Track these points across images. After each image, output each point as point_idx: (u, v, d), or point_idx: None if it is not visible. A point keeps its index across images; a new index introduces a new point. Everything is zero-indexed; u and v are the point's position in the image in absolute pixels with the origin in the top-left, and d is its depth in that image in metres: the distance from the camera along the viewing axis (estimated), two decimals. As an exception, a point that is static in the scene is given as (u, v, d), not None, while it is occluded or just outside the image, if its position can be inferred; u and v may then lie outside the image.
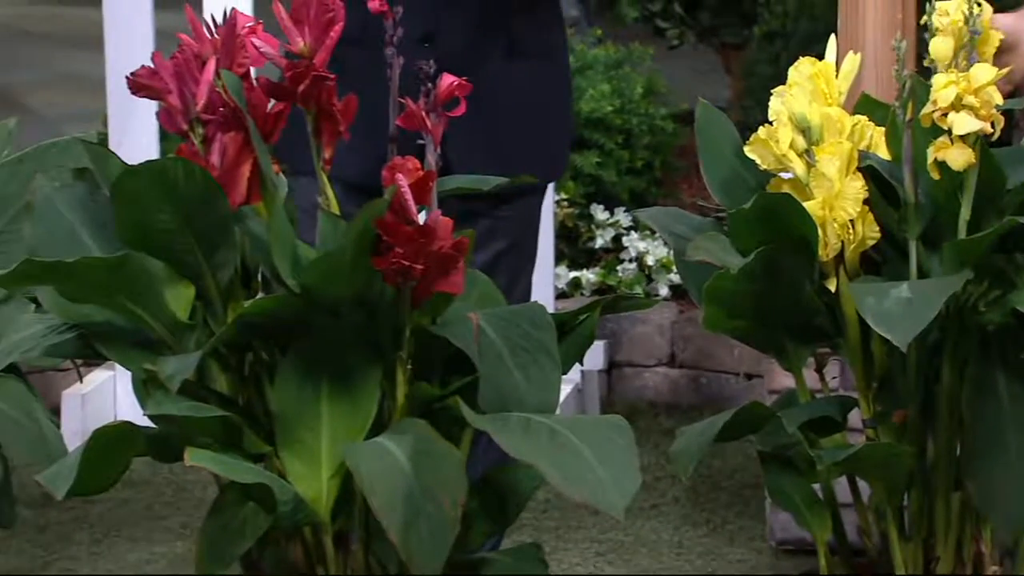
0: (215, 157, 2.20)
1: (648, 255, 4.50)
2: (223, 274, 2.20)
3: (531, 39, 2.77)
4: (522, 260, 2.85)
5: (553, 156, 2.86)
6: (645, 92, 4.81)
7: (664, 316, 4.42)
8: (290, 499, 2.14)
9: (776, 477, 2.51)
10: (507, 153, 2.74)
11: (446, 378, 2.20)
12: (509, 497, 2.25)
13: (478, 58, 2.69)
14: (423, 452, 2.07)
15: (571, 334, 2.26)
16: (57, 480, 2.10)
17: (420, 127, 2.16)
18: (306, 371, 2.16)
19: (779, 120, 2.45)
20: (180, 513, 3.80)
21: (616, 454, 2.07)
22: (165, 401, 2.13)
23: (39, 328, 2.26)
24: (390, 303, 2.16)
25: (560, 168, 2.95)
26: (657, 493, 3.88)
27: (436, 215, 2.12)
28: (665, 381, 4.42)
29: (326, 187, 2.23)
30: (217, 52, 2.22)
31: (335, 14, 2.20)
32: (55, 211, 2.27)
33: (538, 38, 2.79)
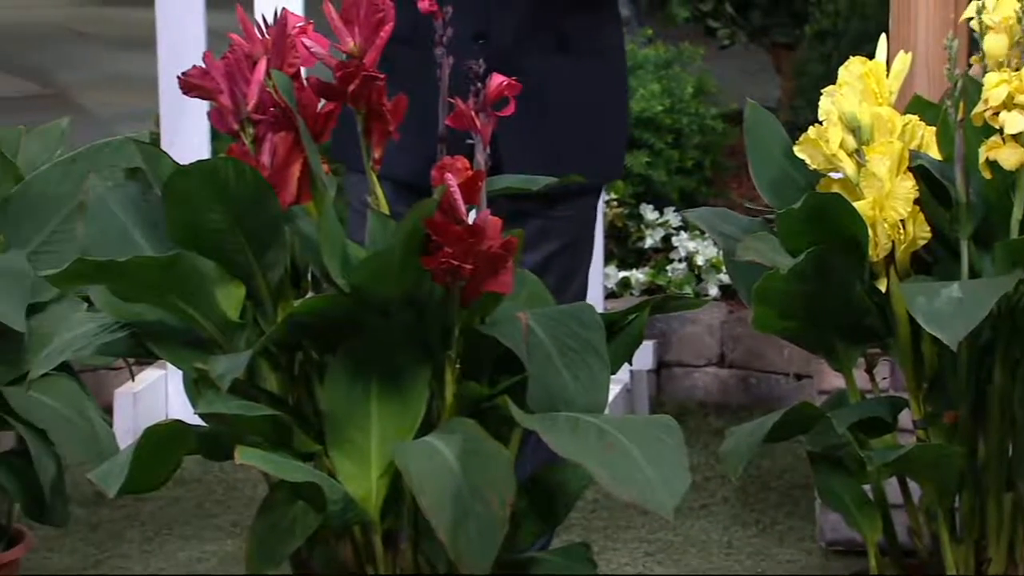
0: (265, 157, 2.20)
1: (698, 255, 4.49)
2: (273, 274, 2.21)
3: (585, 37, 2.75)
4: (575, 261, 2.82)
5: (607, 156, 2.84)
6: (695, 92, 4.80)
7: (714, 316, 4.41)
8: (340, 498, 2.14)
9: (826, 478, 2.51)
10: (559, 152, 2.72)
11: (495, 378, 2.20)
12: (558, 497, 2.24)
13: (531, 56, 2.68)
14: (472, 451, 2.07)
15: (620, 334, 2.25)
16: (109, 478, 2.11)
17: (469, 127, 2.16)
18: (356, 370, 2.16)
19: (829, 120, 2.44)
20: (231, 512, 3.82)
21: (665, 454, 2.06)
22: (216, 400, 2.13)
23: (91, 327, 2.27)
24: (439, 303, 2.16)
25: (616, 169, 2.91)
26: (707, 493, 3.87)
27: (485, 215, 2.12)
28: (715, 381, 4.42)
29: (375, 186, 2.23)
30: (268, 52, 2.23)
31: (385, 14, 2.20)
32: (108, 211, 2.28)
33: (592, 37, 2.77)
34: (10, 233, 2.84)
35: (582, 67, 2.75)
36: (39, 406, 2.81)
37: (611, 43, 2.82)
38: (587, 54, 2.76)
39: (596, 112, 2.78)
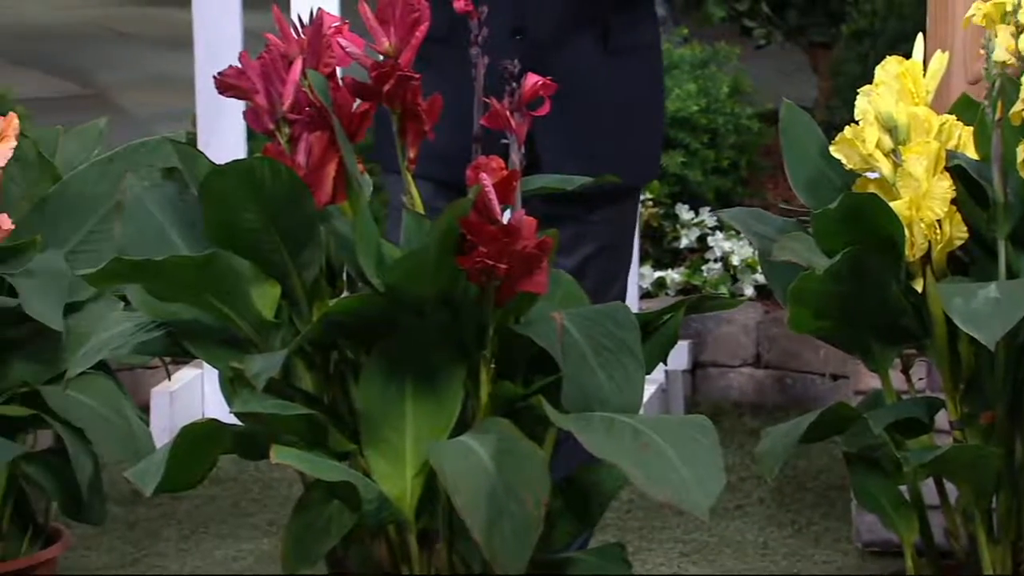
0: (301, 156, 2.21)
1: (733, 255, 4.48)
2: (308, 273, 2.22)
3: (623, 34, 2.74)
4: (613, 265, 2.79)
5: (643, 157, 2.81)
6: (731, 91, 4.79)
7: (749, 316, 4.40)
8: (375, 497, 2.15)
9: (862, 478, 2.50)
10: (593, 152, 2.71)
11: (529, 377, 2.20)
12: (592, 497, 2.24)
13: (569, 52, 2.67)
14: (506, 451, 2.07)
15: (655, 334, 2.25)
16: (145, 477, 2.12)
17: (504, 126, 2.17)
18: (391, 370, 2.17)
19: (865, 119, 2.44)
20: (266, 510, 3.83)
21: (700, 454, 2.06)
22: (251, 399, 2.14)
23: (128, 326, 2.28)
24: (474, 302, 2.17)
25: (652, 171, 2.88)
26: (742, 494, 3.86)
27: (520, 214, 2.12)
28: (750, 382, 4.41)
29: (411, 186, 2.24)
30: (304, 52, 2.23)
31: (420, 14, 2.21)
32: (144, 210, 2.29)
33: (630, 34, 2.76)
34: (48, 233, 2.86)
35: (620, 65, 2.74)
36: (76, 405, 2.82)
37: (648, 41, 2.80)
38: (625, 51, 2.74)
39: (633, 111, 2.76)
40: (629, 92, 2.76)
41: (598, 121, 2.71)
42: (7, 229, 2.76)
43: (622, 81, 2.74)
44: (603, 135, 2.72)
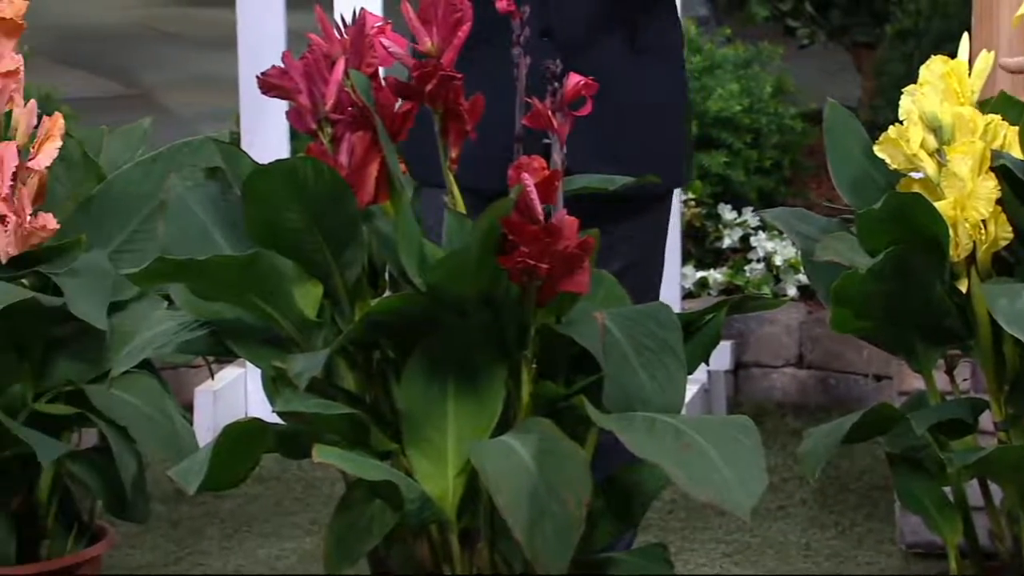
0: (343, 156, 2.21)
1: (776, 255, 4.47)
2: (351, 273, 2.22)
3: (650, 35, 2.73)
4: (642, 278, 2.73)
5: (670, 159, 2.77)
6: (774, 91, 4.78)
7: (792, 316, 4.39)
8: (417, 497, 2.15)
9: (906, 479, 2.49)
10: (620, 153, 2.68)
11: (571, 377, 2.20)
12: (634, 497, 2.24)
13: (596, 52, 2.66)
14: (548, 451, 2.07)
15: (697, 334, 2.25)
16: (188, 475, 2.13)
17: (546, 126, 2.17)
18: (432, 369, 2.17)
19: (910, 119, 2.43)
20: (309, 509, 3.84)
21: (742, 454, 2.05)
22: (293, 398, 2.15)
23: (171, 325, 2.29)
24: (515, 302, 2.17)
25: (679, 174, 2.82)
26: (784, 494, 3.85)
27: (562, 214, 2.12)
28: (793, 382, 4.39)
29: (453, 187, 2.24)
30: (346, 52, 2.24)
31: (463, 14, 2.21)
32: (188, 210, 2.30)
33: (657, 35, 2.74)
34: (92, 232, 2.87)
35: (647, 64, 2.71)
36: (120, 404, 2.84)
37: (673, 41, 2.78)
38: (652, 51, 2.72)
39: (659, 113, 2.72)
40: (656, 93, 2.73)
41: (624, 122, 2.68)
42: (52, 229, 2.77)
43: (649, 82, 2.72)
44: (629, 136, 2.70)
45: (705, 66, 4.72)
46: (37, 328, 2.82)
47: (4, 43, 2.80)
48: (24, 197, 2.74)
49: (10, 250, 2.75)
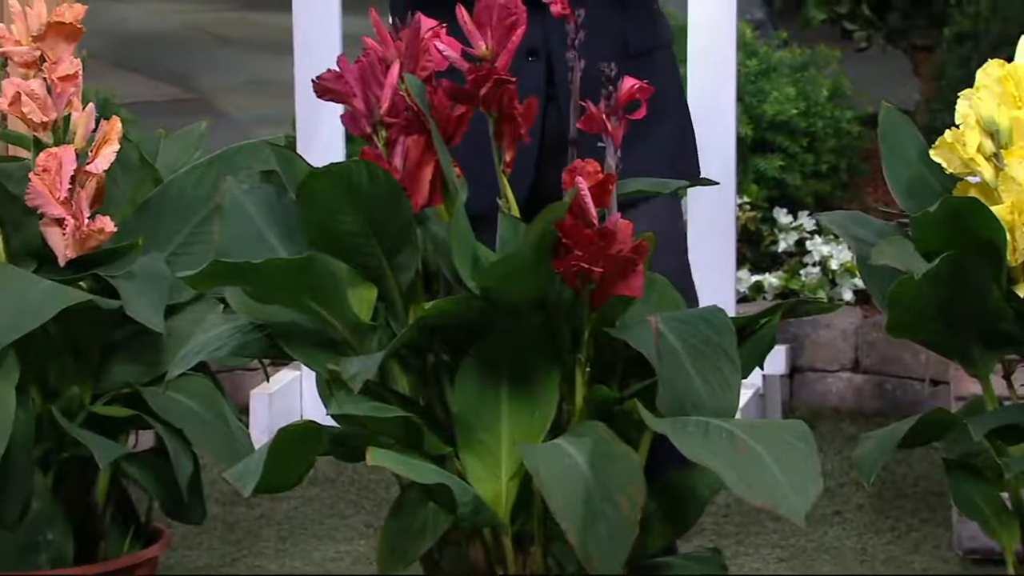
0: (398, 160, 2.22)
1: (832, 259, 4.46)
2: (405, 276, 2.22)
3: (641, 38, 2.68)
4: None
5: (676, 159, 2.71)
6: (831, 95, 4.76)
7: (848, 321, 4.37)
8: (470, 500, 2.15)
9: (962, 485, 2.47)
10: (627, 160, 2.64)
11: (625, 381, 2.20)
12: (688, 501, 2.24)
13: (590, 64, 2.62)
14: (601, 454, 2.07)
15: (751, 338, 2.24)
16: (244, 477, 2.14)
17: (599, 129, 2.17)
18: (486, 373, 2.17)
19: (966, 123, 2.41)
20: (364, 512, 3.85)
21: (797, 459, 2.05)
22: (347, 401, 2.15)
23: (227, 328, 2.30)
24: (569, 306, 2.17)
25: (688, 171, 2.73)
26: (840, 499, 3.83)
27: (616, 218, 2.12)
28: (849, 387, 4.38)
29: (506, 189, 2.24)
30: (401, 56, 2.24)
31: (517, 18, 2.21)
32: (243, 212, 2.31)
33: (649, 36, 2.70)
34: (149, 235, 2.88)
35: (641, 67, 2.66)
36: (177, 406, 2.85)
37: (666, 39, 2.74)
38: (645, 53, 2.66)
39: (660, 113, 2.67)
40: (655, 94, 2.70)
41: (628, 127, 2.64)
42: (110, 232, 2.79)
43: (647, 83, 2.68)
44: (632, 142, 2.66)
45: (761, 69, 4.71)
46: (95, 331, 2.84)
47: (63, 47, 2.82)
48: (82, 200, 2.76)
49: (68, 253, 2.77)
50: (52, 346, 2.83)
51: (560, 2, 2.24)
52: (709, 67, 3.90)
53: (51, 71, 2.78)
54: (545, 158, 2.55)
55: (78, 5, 2.84)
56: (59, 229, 2.76)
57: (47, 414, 2.84)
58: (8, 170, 2.87)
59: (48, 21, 2.81)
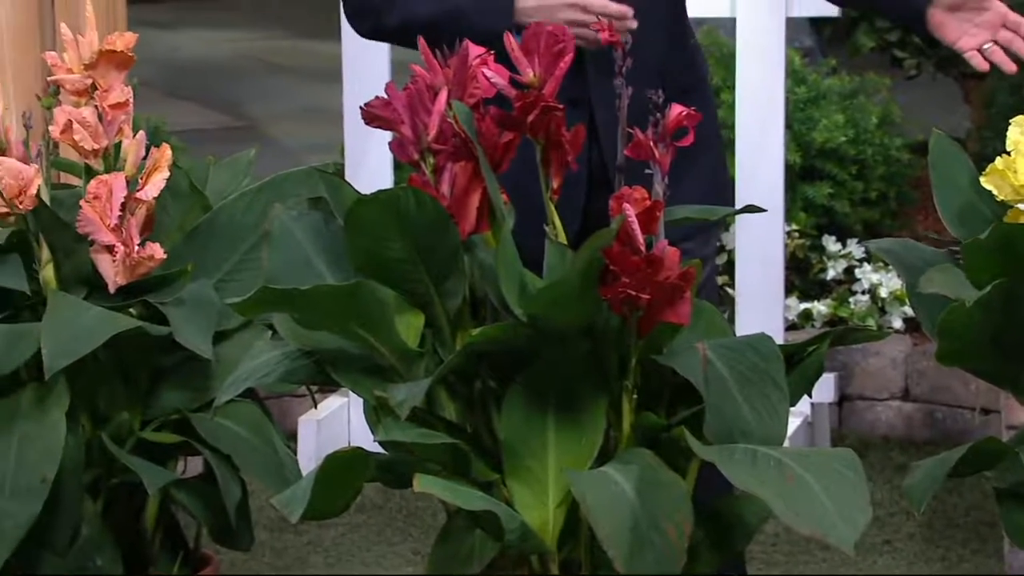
0: (445, 186, 2.22)
1: (881, 287, 4.43)
2: (452, 302, 2.23)
3: (680, 75, 2.68)
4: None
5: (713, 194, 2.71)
6: (880, 122, 4.74)
7: (898, 349, 4.35)
8: (517, 527, 2.15)
9: (1014, 515, 2.45)
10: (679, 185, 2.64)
11: (672, 408, 2.20)
12: (735, 529, 2.23)
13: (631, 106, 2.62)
14: (649, 482, 2.06)
15: (799, 365, 2.23)
16: (291, 504, 2.14)
17: (647, 157, 2.17)
18: (533, 399, 2.17)
19: (1017, 150, 2.40)
20: (411, 539, 3.84)
21: (846, 488, 2.04)
22: (394, 428, 2.15)
23: (275, 354, 2.31)
24: (616, 332, 2.16)
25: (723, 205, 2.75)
26: (890, 529, 3.81)
27: (663, 245, 2.12)
28: (898, 415, 4.35)
29: (554, 216, 2.24)
30: (449, 83, 2.25)
31: (565, 45, 2.21)
32: (291, 239, 2.32)
33: (686, 74, 2.71)
34: (198, 261, 2.89)
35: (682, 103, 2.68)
36: (225, 432, 2.85)
37: (702, 75, 2.76)
38: (684, 91, 2.66)
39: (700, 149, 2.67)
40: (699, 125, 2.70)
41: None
42: (160, 258, 2.80)
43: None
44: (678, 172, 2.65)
45: (810, 97, 4.70)
46: (144, 357, 2.85)
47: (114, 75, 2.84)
48: (132, 227, 2.77)
49: (118, 279, 2.78)
50: (102, 372, 2.84)
51: (608, 30, 2.25)
52: (758, 94, 3.89)
53: (102, 99, 2.80)
54: (592, 200, 2.57)
55: (129, 34, 2.86)
56: (109, 256, 2.77)
57: (97, 440, 2.85)
58: (60, 197, 2.89)
59: (100, 49, 2.83)
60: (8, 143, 2.79)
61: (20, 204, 2.74)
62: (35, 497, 2.68)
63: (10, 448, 2.71)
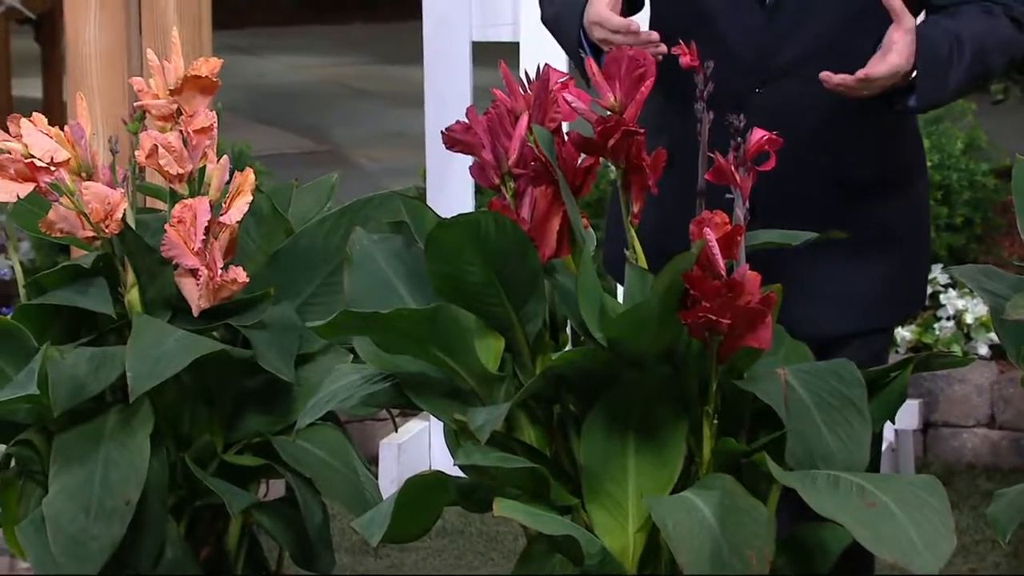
0: (526, 211, 2.23)
1: (967, 313, 4.39)
2: (532, 326, 2.22)
3: (868, 172, 2.61)
4: None
5: (903, 299, 2.66)
6: (965, 147, 4.70)
7: (983, 376, 4.30)
8: (597, 552, 2.14)
9: (1100, 543, 2.42)
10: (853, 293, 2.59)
11: (753, 433, 2.18)
12: (816, 555, 2.21)
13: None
14: (729, 507, 2.05)
15: (882, 391, 2.21)
16: (371, 527, 2.15)
17: (729, 181, 2.16)
18: (613, 424, 2.17)
19: (1104, 174, 2.37)
20: (492, 563, 3.84)
21: (929, 515, 2.02)
22: (474, 452, 2.15)
23: (356, 378, 2.31)
24: (697, 357, 2.15)
25: (904, 311, 2.70)
26: (976, 557, 3.77)
27: (744, 269, 2.11)
28: (984, 443, 4.30)
29: (634, 240, 2.24)
30: (530, 107, 2.25)
31: (646, 69, 2.21)
32: (372, 263, 2.33)
33: (883, 169, 2.67)
34: (280, 285, 2.90)
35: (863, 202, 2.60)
36: (306, 455, 2.86)
37: (909, 174, 2.66)
38: (875, 188, 2.60)
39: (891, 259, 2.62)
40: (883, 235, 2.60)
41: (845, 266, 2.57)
42: (243, 282, 2.81)
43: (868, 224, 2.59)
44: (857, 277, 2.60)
45: (894, 121, 4.67)
46: (227, 380, 2.87)
47: (199, 100, 2.86)
48: (216, 251, 2.79)
49: (202, 303, 2.80)
50: (186, 395, 2.86)
51: (689, 54, 2.24)
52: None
53: (187, 124, 2.82)
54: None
55: (214, 59, 2.88)
56: (193, 279, 2.79)
57: (180, 462, 2.87)
58: (145, 221, 2.92)
59: (185, 75, 2.85)
60: (95, 168, 2.82)
61: (106, 228, 2.77)
62: (120, 519, 2.70)
63: (95, 470, 2.73)
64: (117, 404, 2.78)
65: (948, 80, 2.45)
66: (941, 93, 2.47)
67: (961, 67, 2.45)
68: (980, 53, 2.47)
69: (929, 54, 2.42)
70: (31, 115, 2.79)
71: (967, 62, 2.46)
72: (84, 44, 3.55)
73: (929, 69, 2.43)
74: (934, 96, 2.47)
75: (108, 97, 3.56)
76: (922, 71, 2.43)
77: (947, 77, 2.45)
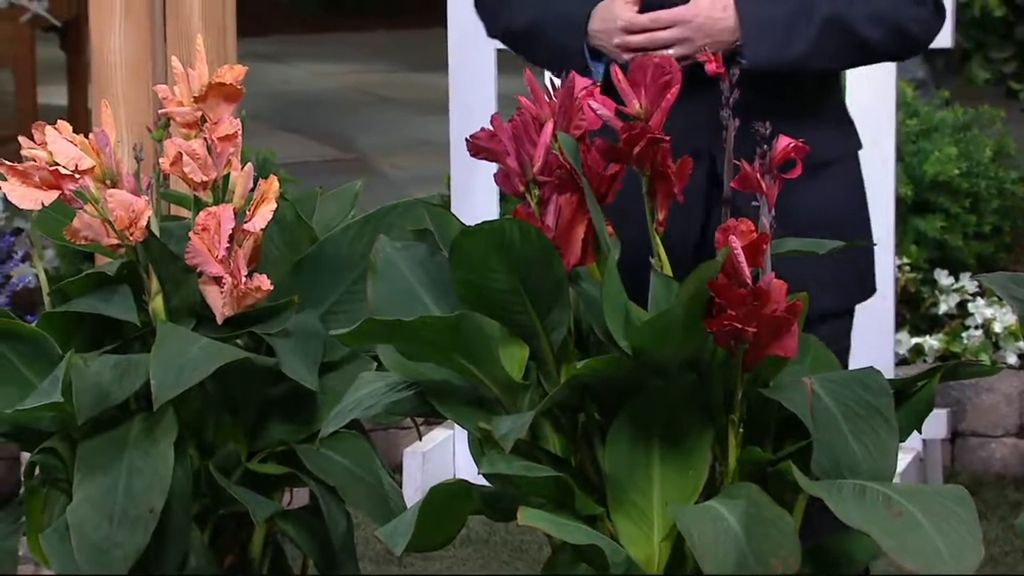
0: (550, 218, 2.22)
1: (995, 322, 4.37)
2: (556, 335, 2.22)
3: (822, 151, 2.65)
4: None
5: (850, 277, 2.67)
6: (994, 155, 4.69)
7: (1012, 385, 4.28)
8: (622, 561, 2.13)
9: None
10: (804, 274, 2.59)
11: (778, 442, 2.17)
12: (843, 566, 2.20)
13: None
14: (755, 517, 2.04)
15: (909, 401, 2.20)
16: (395, 536, 2.14)
17: (755, 189, 2.15)
18: (638, 433, 2.16)
19: None
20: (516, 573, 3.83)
21: (957, 526, 2.00)
22: (499, 460, 2.15)
23: (380, 386, 2.31)
24: (722, 366, 2.14)
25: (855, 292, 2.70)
26: (1004, 568, 3.75)
27: (770, 278, 2.10)
28: (1014, 453, 4.28)
29: (659, 248, 2.23)
30: (555, 115, 2.25)
31: (672, 76, 2.20)
32: (396, 271, 2.32)
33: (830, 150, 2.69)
34: (304, 293, 2.90)
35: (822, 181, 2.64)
36: (330, 463, 2.86)
37: (849, 151, 2.75)
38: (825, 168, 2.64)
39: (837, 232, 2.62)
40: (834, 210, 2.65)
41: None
42: (267, 290, 2.81)
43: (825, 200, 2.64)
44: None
45: (921, 129, 4.65)
46: (251, 388, 2.86)
47: (223, 108, 2.86)
48: (240, 259, 2.79)
49: (226, 311, 2.80)
50: (209, 403, 2.86)
51: (715, 62, 2.23)
52: (869, 126, 3.85)
53: (212, 131, 2.82)
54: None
55: (238, 67, 2.88)
56: (217, 287, 2.79)
57: (204, 470, 2.86)
58: (169, 229, 2.91)
59: (209, 82, 2.85)
60: (119, 175, 2.82)
61: (130, 235, 2.77)
62: (143, 527, 2.70)
63: (119, 478, 2.73)
64: (141, 412, 2.78)
65: (790, 43, 2.50)
66: (780, 54, 2.51)
67: (811, 31, 2.49)
68: (836, 19, 2.51)
69: (754, 14, 2.48)
70: (56, 122, 2.80)
71: (817, 27, 2.50)
72: (109, 52, 3.55)
73: (757, 29, 2.49)
74: (773, 56, 2.50)
75: (133, 105, 3.56)
76: (747, 30, 2.49)
77: (788, 40, 2.50)
